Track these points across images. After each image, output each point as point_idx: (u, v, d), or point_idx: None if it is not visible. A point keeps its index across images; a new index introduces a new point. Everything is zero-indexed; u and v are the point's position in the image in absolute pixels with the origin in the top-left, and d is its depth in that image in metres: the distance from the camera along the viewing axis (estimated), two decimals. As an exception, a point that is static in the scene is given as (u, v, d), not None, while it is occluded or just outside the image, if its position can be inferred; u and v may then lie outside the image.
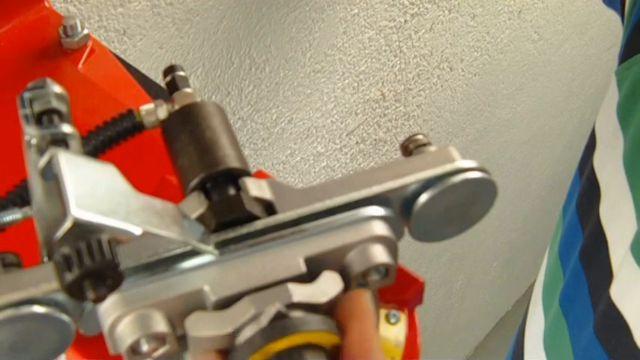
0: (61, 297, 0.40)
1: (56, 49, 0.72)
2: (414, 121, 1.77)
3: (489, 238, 2.69)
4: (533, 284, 1.03)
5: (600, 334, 0.85)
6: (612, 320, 0.82)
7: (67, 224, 0.36)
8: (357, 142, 1.64)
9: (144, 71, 0.92)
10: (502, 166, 2.40)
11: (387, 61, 1.57)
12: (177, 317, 0.41)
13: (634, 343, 0.79)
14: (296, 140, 1.46)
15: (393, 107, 1.68)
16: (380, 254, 0.44)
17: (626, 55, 0.85)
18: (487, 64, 1.92)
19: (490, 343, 3.14)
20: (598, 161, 0.88)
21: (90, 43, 0.73)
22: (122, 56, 0.95)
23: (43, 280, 0.40)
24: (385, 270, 0.44)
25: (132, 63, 0.84)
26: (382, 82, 1.59)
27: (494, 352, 3.03)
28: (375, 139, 1.69)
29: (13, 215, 0.44)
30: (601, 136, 0.88)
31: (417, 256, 2.24)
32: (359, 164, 1.69)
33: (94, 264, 0.35)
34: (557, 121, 2.57)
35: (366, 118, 1.62)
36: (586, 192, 0.91)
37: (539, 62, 2.18)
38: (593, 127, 0.91)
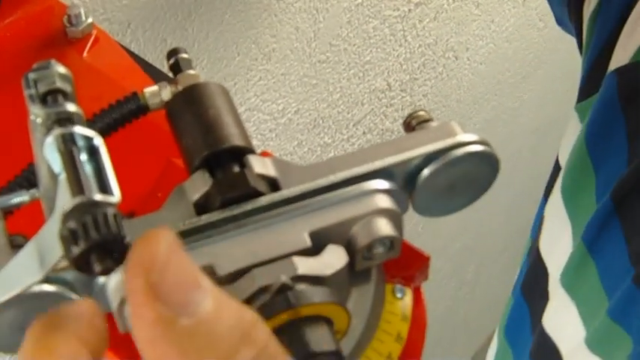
0: (70, 275, 0.40)
1: (61, 39, 0.72)
2: (420, 110, 1.77)
3: (499, 228, 2.69)
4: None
5: (534, 358, 0.86)
6: (545, 347, 0.84)
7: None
8: (363, 133, 1.65)
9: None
10: (510, 156, 2.40)
11: (392, 51, 1.57)
12: None
13: None
14: (303, 131, 1.46)
15: (399, 97, 1.68)
16: (385, 227, 0.44)
17: (586, 92, 0.85)
18: (492, 52, 1.92)
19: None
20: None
21: (94, 32, 0.73)
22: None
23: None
24: (390, 243, 0.44)
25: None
26: (388, 72, 1.60)
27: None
28: (382, 129, 1.70)
29: (20, 197, 0.45)
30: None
31: (427, 247, 2.23)
32: (366, 155, 1.68)
33: (101, 236, 0.36)
34: (564, 109, 2.56)
35: (373, 108, 1.63)
36: (535, 224, 0.93)
37: (545, 50, 2.18)
38: (557, 156, 0.91)
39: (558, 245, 0.84)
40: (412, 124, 0.50)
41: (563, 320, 0.81)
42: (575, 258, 0.80)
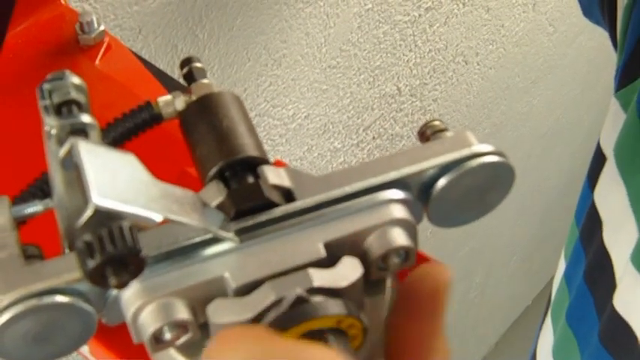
0: (84, 287, 0.40)
1: (73, 46, 0.72)
2: (430, 115, 1.76)
3: (508, 232, 2.68)
4: (552, 279, 1.04)
5: (606, 342, 0.86)
6: (617, 328, 0.84)
7: (89, 212, 0.36)
8: (373, 138, 1.64)
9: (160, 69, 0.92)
10: (519, 160, 2.40)
11: (402, 56, 1.56)
12: (198, 305, 0.41)
13: (639, 350, 0.81)
14: (313, 136, 1.46)
15: (409, 102, 1.68)
16: (400, 237, 0.44)
17: (626, 80, 0.86)
18: (502, 57, 1.92)
19: (510, 338, 3.13)
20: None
21: (106, 39, 0.73)
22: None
23: (65, 271, 0.40)
24: (405, 253, 0.44)
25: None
26: (398, 77, 1.59)
27: (515, 347, 3.03)
28: (392, 134, 1.69)
29: (34, 207, 0.45)
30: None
31: (437, 251, 2.23)
32: (376, 159, 1.68)
33: (116, 250, 0.35)
34: (574, 114, 2.56)
35: (383, 113, 1.62)
36: (579, 212, 0.94)
37: (554, 55, 2.18)
38: (599, 144, 0.91)
39: (622, 232, 0.84)
40: (427, 133, 0.50)
41: (637, 300, 0.81)
42: None
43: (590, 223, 0.91)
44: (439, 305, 0.41)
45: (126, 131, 0.50)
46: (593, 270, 0.90)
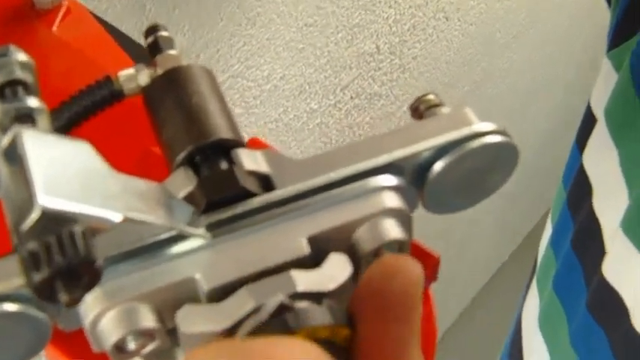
0: (36, 292, 0.35)
1: (28, 11, 0.67)
2: (409, 73, 1.73)
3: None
4: (528, 236, 1.02)
5: (593, 310, 0.84)
6: (605, 296, 0.82)
7: (34, 215, 0.31)
8: (351, 97, 1.61)
9: (126, 31, 0.87)
10: (498, 117, 2.37)
11: (382, 13, 1.53)
12: (166, 310, 0.37)
13: (630, 322, 0.78)
14: (289, 97, 1.42)
15: (388, 60, 1.65)
16: (393, 229, 0.39)
17: (619, 40, 0.84)
18: (484, 12, 1.89)
19: (488, 293, 3.13)
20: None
21: (65, 2, 0.68)
22: (102, 16, 0.91)
23: (14, 274, 0.35)
24: (398, 246, 0.40)
25: (113, 23, 0.79)
26: (377, 35, 1.56)
27: (493, 301, 3.03)
28: (370, 94, 1.66)
29: (-22, 199, 0.40)
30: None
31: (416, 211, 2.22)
32: (354, 120, 1.65)
33: (66, 261, 0.31)
34: (554, 69, 2.54)
35: (361, 72, 1.59)
36: (568, 175, 0.93)
37: (536, 9, 2.15)
38: (589, 105, 0.88)
39: (612, 198, 0.82)
40: (420, 109, 0.45)
41: (627, 269, 0.79)
42: (638, 204, 0.78)
43: (578, 189, 0.89)
44: (412, 307, 0.36)
45: (82, 110, 0.45)
46: (582, 237, 0.88)
